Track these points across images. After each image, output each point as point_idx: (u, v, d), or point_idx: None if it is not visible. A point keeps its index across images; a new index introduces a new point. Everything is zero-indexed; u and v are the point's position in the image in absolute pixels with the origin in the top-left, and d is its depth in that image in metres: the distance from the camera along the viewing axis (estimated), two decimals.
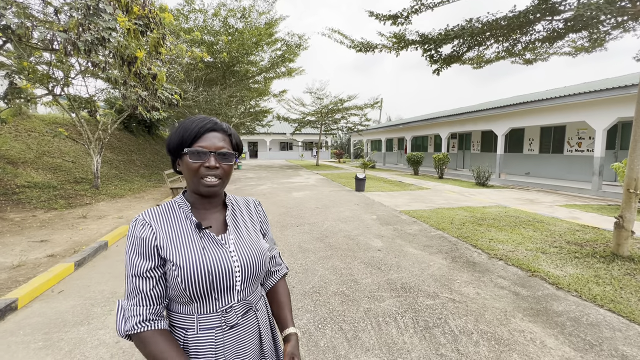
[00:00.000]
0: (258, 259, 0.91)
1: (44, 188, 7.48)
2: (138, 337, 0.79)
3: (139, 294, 0.81)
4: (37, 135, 10.23)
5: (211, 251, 0.85)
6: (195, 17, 13.14)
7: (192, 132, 0.86)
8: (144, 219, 0.85)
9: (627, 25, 4.51)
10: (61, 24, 4.92)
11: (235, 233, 0.93)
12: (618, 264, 3.77)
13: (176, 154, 0.89)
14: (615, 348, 2.27)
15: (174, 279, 0.81)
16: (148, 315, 0.81)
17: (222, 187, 0.91)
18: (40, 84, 6.95)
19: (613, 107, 9.03)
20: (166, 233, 0.85)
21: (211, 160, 0.85)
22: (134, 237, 0.83)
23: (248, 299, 0.91)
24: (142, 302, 0.81)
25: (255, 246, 0.93)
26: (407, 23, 4.73)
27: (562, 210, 7.26)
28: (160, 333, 0.81)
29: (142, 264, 0.81)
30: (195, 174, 0.86)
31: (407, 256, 4.20)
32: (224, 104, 15.37)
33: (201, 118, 0.89)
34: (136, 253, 0.82)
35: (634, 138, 3.91)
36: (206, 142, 0.86)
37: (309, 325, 2.57)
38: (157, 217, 0.87)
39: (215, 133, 0.89)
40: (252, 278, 0.91)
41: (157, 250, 0.82)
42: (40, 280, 3.22)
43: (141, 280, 0.81)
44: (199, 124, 0.87)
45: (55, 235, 4.81)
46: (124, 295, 0.80)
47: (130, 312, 0.80)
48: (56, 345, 2.32)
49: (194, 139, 0.86)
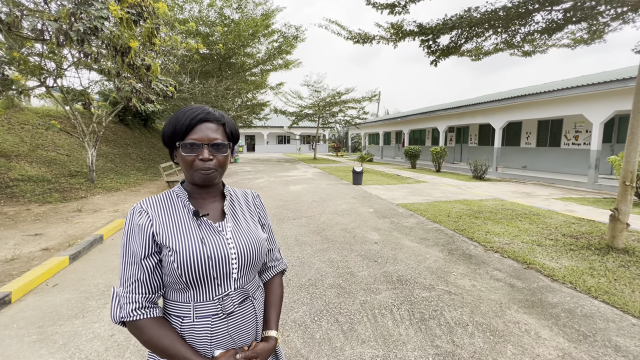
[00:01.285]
0: (255, 247, 0.91)
1: (38, 181, 7.40)
2: (133, 324, 0.80)
3: (134, 282, 0.81)
4: (30, 128, 10.09)
5: (208, 238, 0.85)
6: (190, 8, 12.92)
7: (184, 124, 0.85)
8: (141, 206, 0.85)
9: (627, 16, 4.46)
10: (52, 13, 4.80)
11: (233, 221, 0.93)
12: (613, 256, 3.80)
13: (171, 146, 0.89)
14: (608, 339, 2.29)
15: (170, 265, 0.81)
16: (143, 302, 0.80)
17: (219, 175, 0.90)
18: (32, 76, 6.83)
19: (610, 100, 9.02)
20: (163, 220, 0.85)
21: (204, 152, 0.84)
22: (131, 224, 0.83)
23: (245, 287, 0.90)
24: (137, 290, 0.81)
25: (253, 235, 0.93)
26: (405, 12, 4.65)
27: (558, 203, 7.29)
28: (155, 320, 0.81)
29: (138, 251, 0.81)
30: (190, 167, 0.85)
31: (404, 249, 4.20)
32: (221, 96, 15.22)
33: (193, 108, 0.87)
34: (132, 240, 0.82)
35: (631, 131, 3.90)
36: (199, 134, 0.85)
37: (305, 318, 2.57)
38: (155, 205, 0.87)
39: (208, 124, 0.87)
40: (249, 266, 0.91)
41: (153, 236, 0.82)
42: (34, 273, 3.19)
43: (137, 267, 0.81)
44: (191, 115, 0.85)
45: (50, 229, 4.77)
46: (118, 282, 0.81)
47: (125, 299, 0.79)
48: (50, 339, 2.30)
49: (187, 131, 0.85)
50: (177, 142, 0.86)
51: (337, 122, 26.01)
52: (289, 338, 2.32)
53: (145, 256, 0.82)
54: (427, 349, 2.18)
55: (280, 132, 39.41)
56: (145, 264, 0.81)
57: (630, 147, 3.91)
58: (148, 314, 0.80)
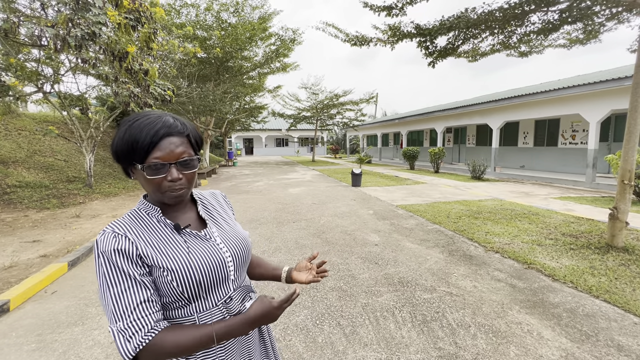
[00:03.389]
0: (244, 245, 0.92)
1: (35, 187, 7.37)
2: (151, 347, 0.70)
3: (138, 305, 0.71)
4: (27, 134, 10.06)
5: (199, 248, 0.83)
6: (187, 12, 12.94)
7: (144, 143, 0.73)
8: (113, 230, 0.75)
9: (622, 16, 4.50)
10: (49, 19, 4.80)
11: (217, 226, 0.91)
12: (613, 255, 3.80)
13: (126, 163, 0.78)
14: (611, 338, 2.29)
15: (168, 285, 0.75)
16: (153, 323, 0.71)
17: (189, 191, 0.83)
18: (29, 82, 6.81)
19: (607, 99, 9.07)
20: (145, 241, 0.76)
21: (173, 172, 0.76)
22: (110, 252, 0.71)
23: (243, 285, 0.92)
24: (144, 313, 0.71)
25: (238, 234, 0.93)
26: (402, 14, 4.68)
27: (556, 202, 7.31)
28: (167, 329, 0.74)
29: (132, 272, 0.72)
30: (158, 189, 0.77)
31: (404, 250, 4.20)
32: (218, 100, 15.22)
33: (150, 121, 0.76)
34: (119, 267, 0.71)
35: (628, 130, 3.92)
36: (162, 152, 0.75)
37: (307, 322, 2.56)
38: (129, 227, 0.77)
39: (171, 138, 0.76)
40: (243, 265, 0.92)
41: (141, 259, 0.74)
42: (33, 281, 3.16)
43: (137, 288, 0.72)
44: (150, 132, 0.74)
45: (48, 235, 4.74)
46: (111, 322, 0.70)
47: (132, 330, 0.69)
48: (50, 347, 2.28)
49: (148, 150, 0.74)
50: (135, 162, 0.75)
51: (335, 124, 26.04)
52: (291, 342, 2.30)
53: (143, 274, 0.74)
54: (430, 352, 2.17)
55: (278, 134, 39.42)
56: (146, 281, 0.74)
57: (628, 146, 3.93)
58: (160, 327, 0.73)
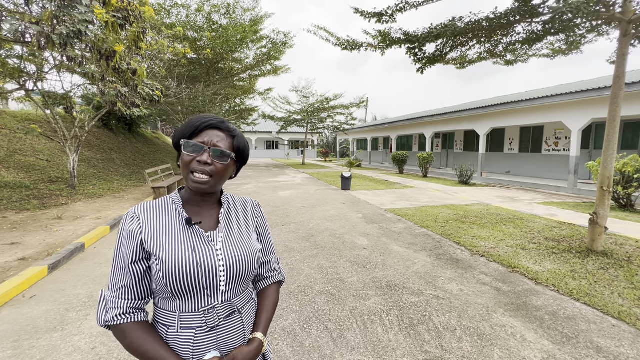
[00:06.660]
0: (246, 259, 0.88)
1: (15, 188, 7.12)
2: (117, 328, 0.80)
3: (122, 287, 0.81)
4: (8, 133, 9.72)
5: (196, 248, 0.83)
6: (177, 12, 12.80)
7: (194, 126, 0.87)
8: (134, 212, 0.86)
9: (601, 29, 4.68)
10: (33, 16, 4.67)
11: (226, 231, 0.90)
12: (593, 259, 3.92)
13: (179, 147, 0.89)
14: (590, 340, 2.35)
15: (156, 273, 0.81)
16: (128, 308, 0.81)
17: (214, 186, 0.88)
18: (11, 79, 6.61)
19: (588, 108, 9.40)
20: (153, 227, 0.84)
21: (204, 155, 0.84)
22: (123, 229, 0.84)
23: (233, 301, 0.87)
24: (124, 295, 0.81)
25: (245, 246, 0.90)
26: (392, 21, 4.75)
27: (540, 207, 7.50)
28: (139, 324, 0.81)
29: (127, 257, 0.81)
30: (187, 168, 0.85)
31: (392, 254, 4.23)
32: (208, 101, 15.07)
33: (209, 115, 0.90)
34: (123, 246, 0.83)
35: (607, 138, 4.07)
36: (204, 138, 0.87)
37: (295, 326, 2.55)
38: (147, 211, 0.87)
39: (216, 131, 0.89)
40: (239, 279, 0.87)
41: (142, 243, 0.82)
42: (9, 285, 3.04)
43: (125, 273, 0.81)
44: (203, 119, 0.88)
45: (28, 238, 4.58)
46: (108, 285, 0.85)
47: (112, 304, 0.80)
48: (27, 354, 2.19)
49: (194, 133, 0.87)
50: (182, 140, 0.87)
51: (325, 127, 26.12)
52: (278, 347, 2.28)
53: (133, 261, 0.81)
54: (416, 355, 2.19)
55: (268, 137, 39.26)
56: (133, 269, 0.81)
57: (607, 154, 4.07)
58: (132, 319, 0.81)
